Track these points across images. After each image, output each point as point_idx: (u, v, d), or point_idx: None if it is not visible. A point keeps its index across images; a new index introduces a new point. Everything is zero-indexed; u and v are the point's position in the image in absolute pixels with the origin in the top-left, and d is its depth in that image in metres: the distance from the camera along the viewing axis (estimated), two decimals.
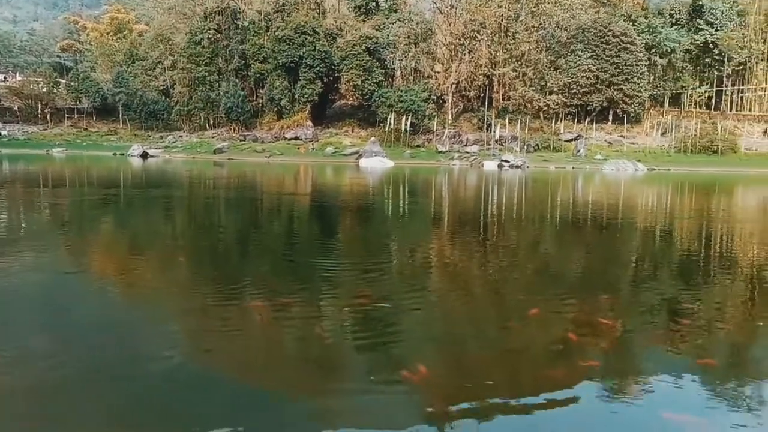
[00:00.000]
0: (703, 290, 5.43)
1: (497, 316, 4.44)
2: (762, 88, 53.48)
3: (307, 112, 48.67)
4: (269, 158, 42.87)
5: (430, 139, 47.76)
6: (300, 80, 47.72)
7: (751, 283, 5.77)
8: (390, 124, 45.68)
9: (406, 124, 45.60)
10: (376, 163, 38.03)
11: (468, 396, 2.89)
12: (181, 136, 51.25)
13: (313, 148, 45.99)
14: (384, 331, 3.94)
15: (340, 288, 5.10)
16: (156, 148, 45.88)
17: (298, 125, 48.24)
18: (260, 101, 52.43)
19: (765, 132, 49.82)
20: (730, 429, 2.63)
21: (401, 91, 46.91)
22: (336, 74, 48.56)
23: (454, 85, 49.17)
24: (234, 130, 50.58)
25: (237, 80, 51.84)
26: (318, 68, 47.39)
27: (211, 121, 52.75)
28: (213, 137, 49.99)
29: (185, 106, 52.85)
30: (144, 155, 41.75)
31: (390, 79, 51.40)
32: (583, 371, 3.28)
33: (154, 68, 57.93)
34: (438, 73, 50.62)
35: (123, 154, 42.42)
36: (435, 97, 48.58)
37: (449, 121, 49.29)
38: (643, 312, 4.60)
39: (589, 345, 3.72)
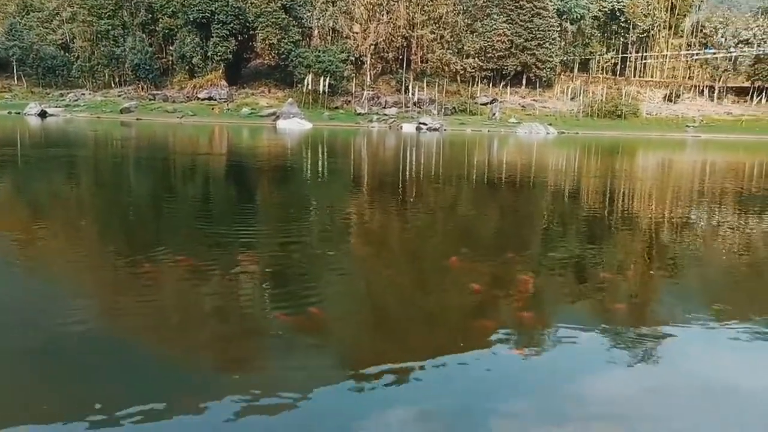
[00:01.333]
0: (609, 244, 5.73)
1: (416, 276, 4.50)
2: (663, 55, 56.49)
3: (220, 71, 46.74)
4: (181, 119, 41.05)
5: (349, 101, 47.30)
6: (212, 37, 45.61)
7: (650, 236, 6.14)
8: (308, 85, 44.76)
9: (324, 86, 44.84)
10: (294, 125, 37.32)
11: (387, 353, 2.91)
12: (83, 95, 47.98)
13: (228, 109, 44.44)
14: (301, 292, 3.90)
15: (257, 250, 4.99)
16: (56, 107, 42.75)
17: (211, 85, 46.32)
18: (170, 59, 49.75)
19: (665, 97, 52.84)
20: (630, 369, 2.80)
21: (319, 51, 45.92)
22: (251, 32, 46.79)
23: (372, 47, 48.68)
24: (142, 89, 47.87)
25: (144, 35, 48.85)
26: (231, 25, 45.44)
27: (117, 79, 49.64)
28: (119, 96, 47.14)
29: (87, 62, 49.38)
30: (42, 114, 38.84)
31: (307, 39, 50.15)
32: (496, 325, 3.38)
33: (52, 20, 53.54)
34: (356, 33, 49.89)
35: (19, 113, 39.31)
36: (353, 58, 47.94)
37: (368, 83, 48.93)
38: (555, 266, 4.80)
39: (503, 299, 3.84)
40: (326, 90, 45.07)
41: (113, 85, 49.53)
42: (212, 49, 45.68)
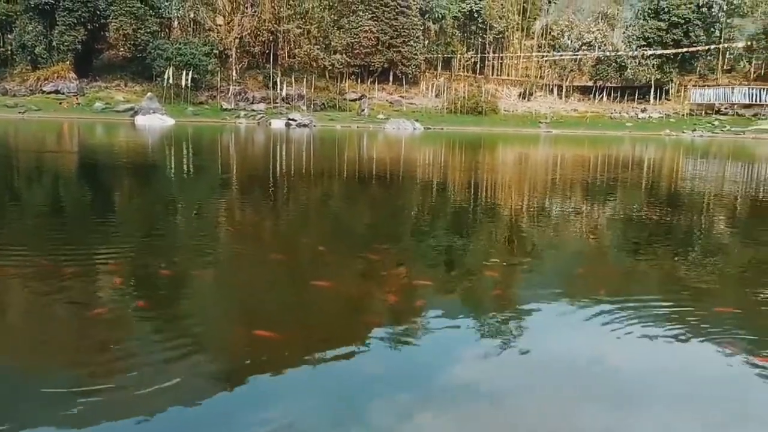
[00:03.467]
0: (475, 234, 5.95)
1: (285, 271, 4.37)
2: (517, 55, 60.31)
3: (69, 62, 43.03)
4: (24, 114, 37.28)
5: (215, 96, 45.63)
6: (58, 25, 41.85)
7: (513, 225, 6.47)
8: (168, 78, 42.50)
9: (186, 80, 42.86)
10: (155, 121, 35.28)
11: (256, 353, 2.77)
12: None
13: (79, 104, 41.05)
14: (167, 296, 3.63)
15: (116, 253, 4.58)
16: None
17: (58, 77, 42.47)
18: (9, 48, 45.02)
19: (520, 95, 56.46)
20: (495, 351, 2.89)
21: (180, 44, 43.77)
22: (102, 21, 43.52)
23: (237, 40, 47.23)
24: None
25: None
26: (80, 12, 41.95)
27: None
28: None
29: None
30: None
31: (167, 30, 47.67)
32: (368, 318, 3.35)
33: None
34: (220, 26, 48.15)
35: None
36: (217, 52, 46.24)
37: (234, 78, 47.43)
38: (425, 257, 4.88)
39: (375, 292, 3.82)
40: (189, 84, 43.10)
41: None
42: (58, 38, 41.93)
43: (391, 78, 52.27)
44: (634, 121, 50.97)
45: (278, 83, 46.84)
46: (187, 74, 42.70)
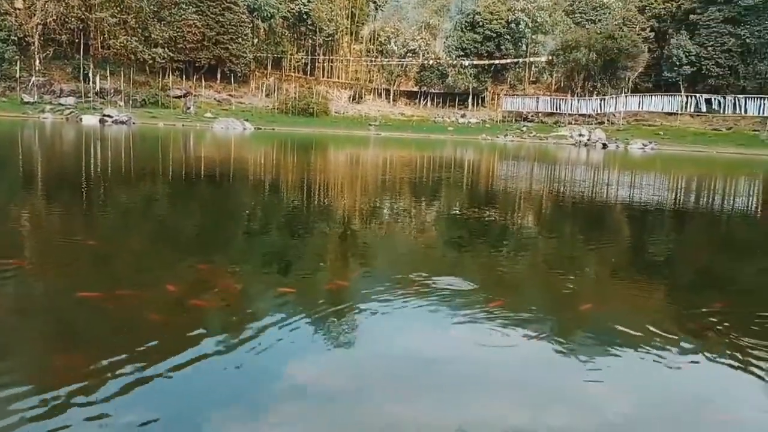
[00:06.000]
0: (309, 235, 5.86)
1: (109, 281, 3.91)
2: (347, 59, 61.55)
3: None
4: None
5: (14, 88, 40.64)
6: None
7: (346, 225, 6.48)
8: None
9: None
10: None
11: (75, 370, 2.41)
12: None
13: None
14: None
15: None
16: None
17: None
18: None
19: (350, 98, 57.71)
20: (333, 350, 2.81)
21: None
22: None
23: (40, 26, 42.45)
24: None
25: None
26: None
27: None
28: None
29: None
30: None
31: None
32: (197, 324, 3.10)
33: None
34: (19, 9, 42.94)
35: None
36: (16, 38, 41.17)
37: (37, 68, 42.58)
38: (257, 261, 4.68)
39: (205, 299, 3.56)
40: None
41: None
42: None
43: (219, 76, 50.53)
44: (455, 125, 54.58)
45: (90, 76, 43.00)
46: None
